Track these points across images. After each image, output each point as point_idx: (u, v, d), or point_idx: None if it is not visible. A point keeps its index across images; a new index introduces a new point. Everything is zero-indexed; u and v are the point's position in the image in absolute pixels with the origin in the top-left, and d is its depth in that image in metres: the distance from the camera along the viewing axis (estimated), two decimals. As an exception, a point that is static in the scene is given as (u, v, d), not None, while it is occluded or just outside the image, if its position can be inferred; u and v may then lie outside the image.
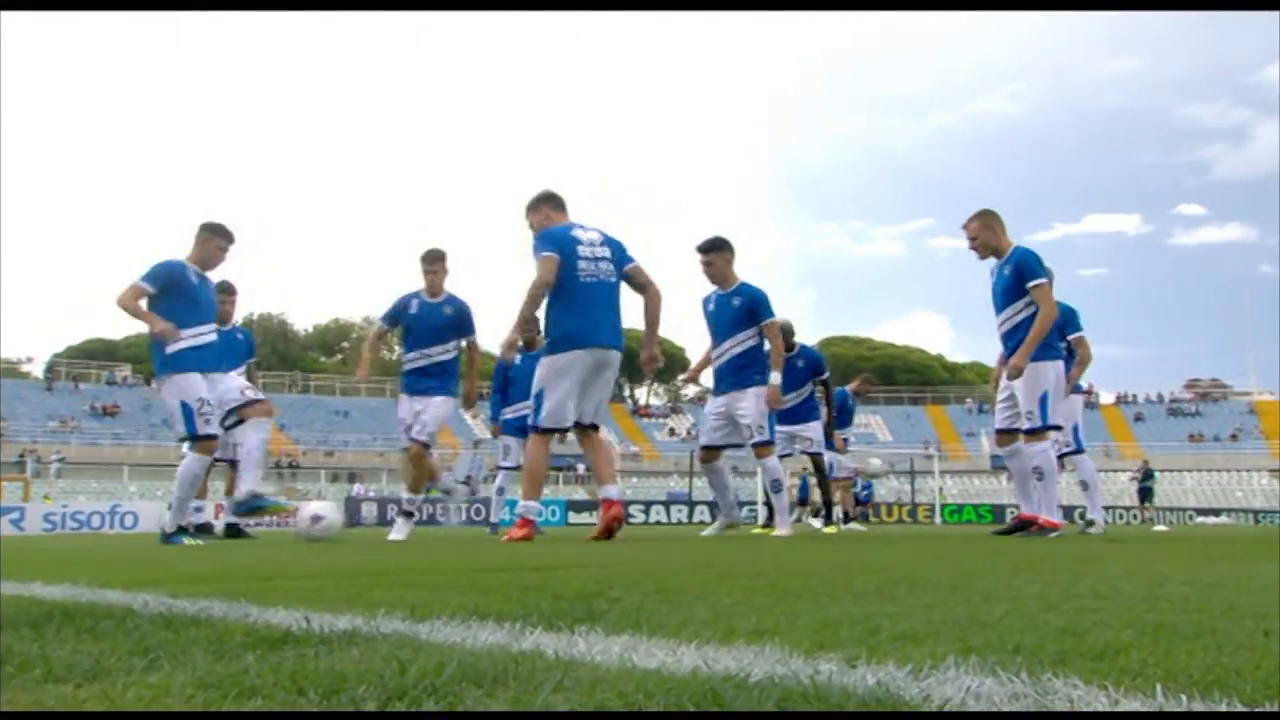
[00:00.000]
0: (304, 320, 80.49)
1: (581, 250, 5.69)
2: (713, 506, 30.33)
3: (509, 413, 9.44)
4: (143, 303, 6.17)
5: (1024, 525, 6.15)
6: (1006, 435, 6.20)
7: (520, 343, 6.26)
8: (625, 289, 5.87)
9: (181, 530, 6.49)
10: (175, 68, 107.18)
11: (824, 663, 1.12)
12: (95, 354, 55.19)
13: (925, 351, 75.50)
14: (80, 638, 1.41)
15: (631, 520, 28.29)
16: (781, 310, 6.84)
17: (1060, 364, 6.22)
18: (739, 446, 7.13)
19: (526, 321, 5.95)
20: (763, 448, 6.93)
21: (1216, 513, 34.49)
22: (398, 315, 7.21)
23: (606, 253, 5.75)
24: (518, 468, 9.19)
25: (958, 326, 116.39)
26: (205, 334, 6.40)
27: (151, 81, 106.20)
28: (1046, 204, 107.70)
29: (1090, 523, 7.37)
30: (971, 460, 47.65)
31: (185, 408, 6.26)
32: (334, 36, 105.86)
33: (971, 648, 1.22)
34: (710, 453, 7.08)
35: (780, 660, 1.14)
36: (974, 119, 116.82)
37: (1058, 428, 6.27)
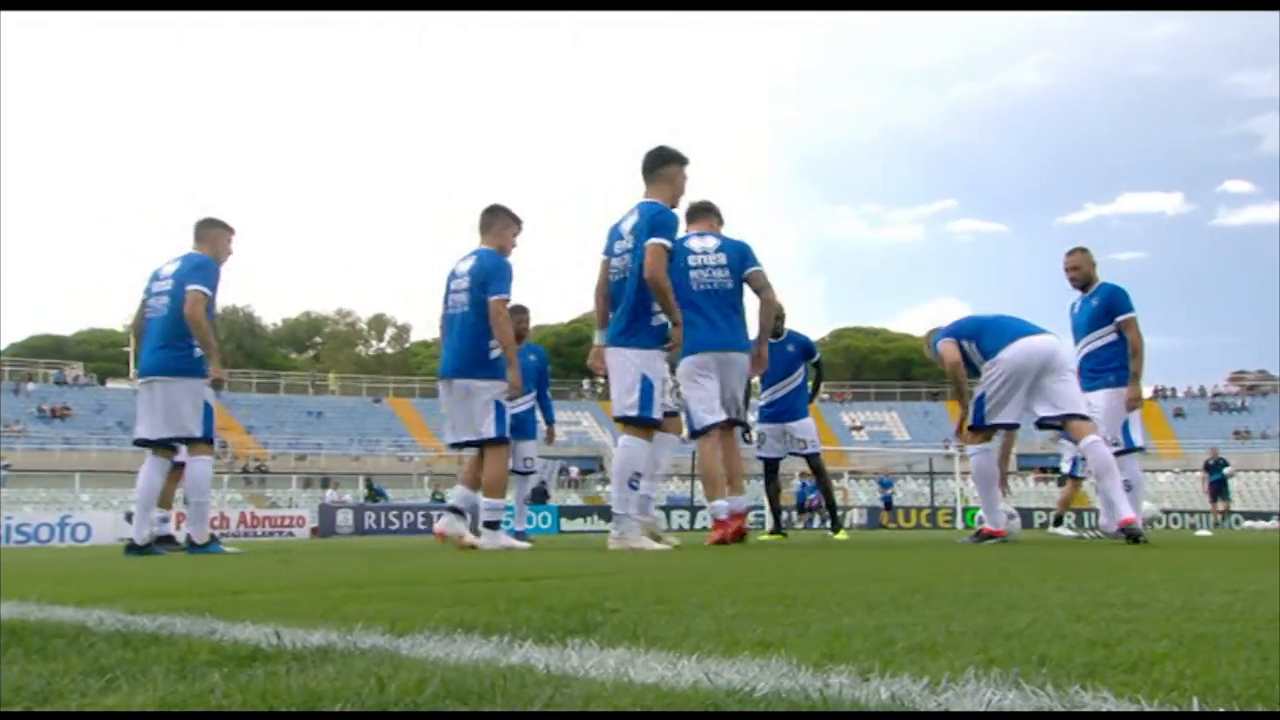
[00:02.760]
0: (272, 314, 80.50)
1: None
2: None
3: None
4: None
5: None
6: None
7: None
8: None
9: (214, 539, 6.74)
10: (131, 53, 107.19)
11: (834, 676, 1.13)
12: (42, 351, 55.09)
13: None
14: (29, 658, 1.42)
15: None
16: (789, 301, 7.00)
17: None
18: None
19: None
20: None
21: (1265, 516, 34.47)
22: None
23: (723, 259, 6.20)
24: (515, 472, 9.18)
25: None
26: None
27: (104, 66, 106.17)
28: (1077, 183, 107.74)
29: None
30: (996, 461, 47.68)
31: (208, 409, 6.58)
32: (304, 26, 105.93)
33: (993, 659, 1.23)
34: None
35: (787, 673, 1.15)
36: (999, 91, 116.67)
37: (1141, 449, 7.37)
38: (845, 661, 1.23)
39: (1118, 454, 7.33)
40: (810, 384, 9.43)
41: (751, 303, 6.31)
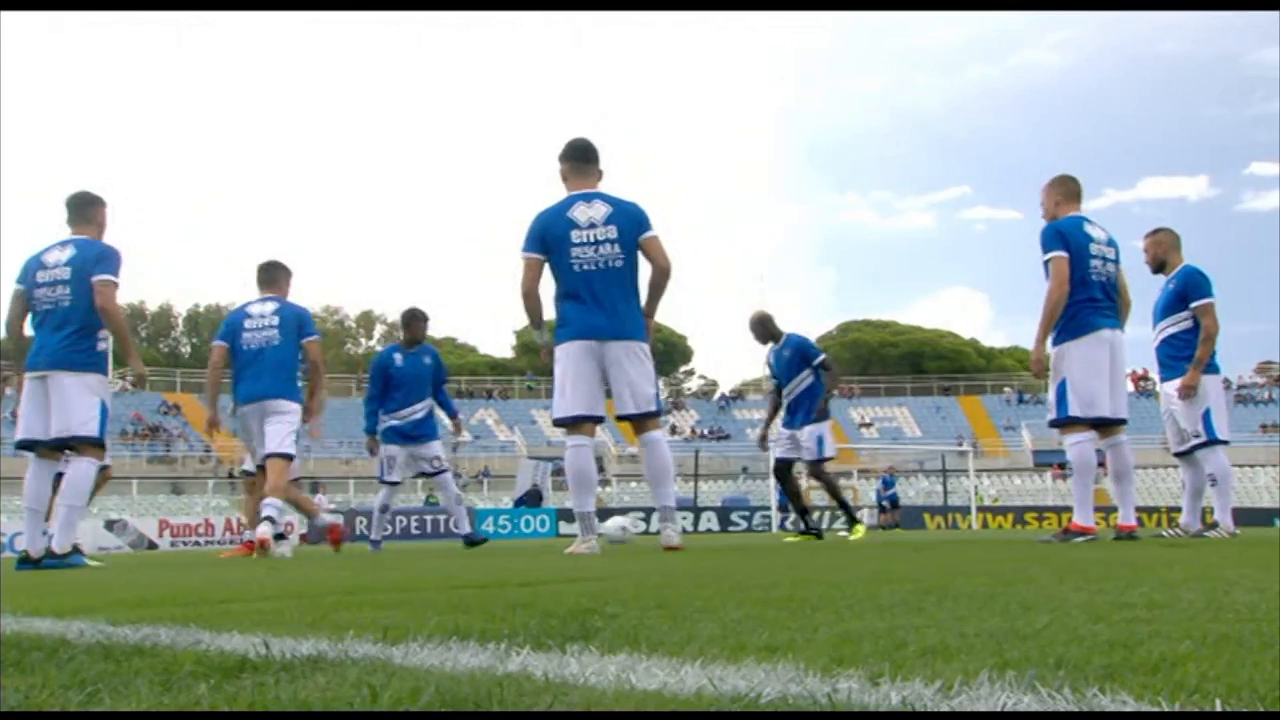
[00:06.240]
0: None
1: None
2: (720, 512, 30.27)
3: (392, 419, 9.37)
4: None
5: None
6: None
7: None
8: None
9: (76, 550, 6.46)
10: (115, 47, 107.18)
11: (843, 680, 1.14)
12: (13, 354, 54.98)
13: (958, 335, 75.52)
14: (5, 672, 1.42)
15: (630, 531, 28.27)
16: (798, 292, 6.98)
17: (1218, 377, 7.24)
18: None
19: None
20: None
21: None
22: None
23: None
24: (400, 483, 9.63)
25: (997, 306, 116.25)
26: None
27: (97, 58, 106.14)
28: (1097, 167, 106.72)
29: (1214, 525, 7.25)
30: (1012, 457, 47.74)
31: (104, 409, 6.32)
32: (290, 22, 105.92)
33: (1008, 662, 1.24)
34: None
35: (794, 678, 1.16)
36: (1014, 73, 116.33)
37: (1225, 441, 7.13)
38: (855, 665, 1.24)
39: (1199, 446, 7.23)
40: (826, 384, 9.38)
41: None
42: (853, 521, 9.76)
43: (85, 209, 6.47)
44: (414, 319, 9.62)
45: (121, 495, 32.75)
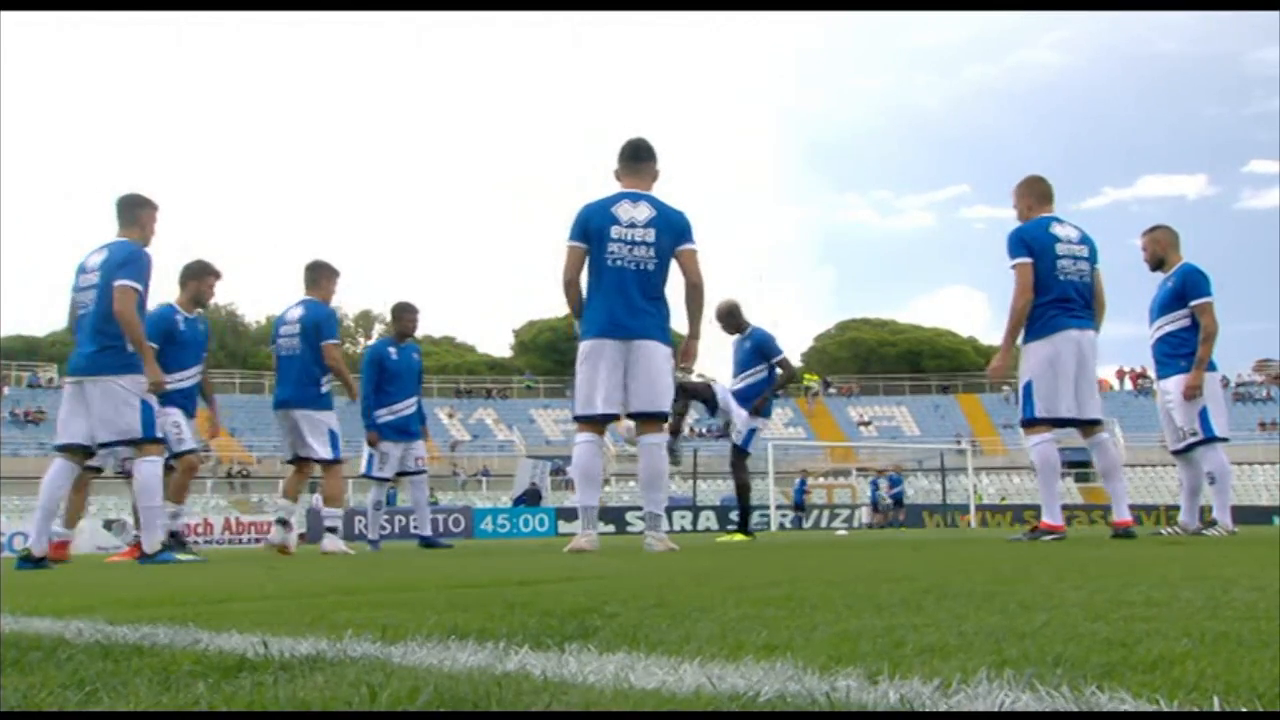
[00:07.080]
0: (255, 311, 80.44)
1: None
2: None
3: (385, 414, 9.38)
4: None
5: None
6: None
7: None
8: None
9: (166, 547, 6.58)
10: (110, 48, 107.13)
11: (842, 679, 1.14)
12: (15, 353, 55.00)
13: (956, 334, 75.50)
14: (4, 672, 1.42)
15: (629, 529, 28.33)
16: (797, 291, 6.95)
17: (1216, 375, 7.25)
18: None
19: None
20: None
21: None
22: None
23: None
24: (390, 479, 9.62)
25: (996, 305, 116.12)
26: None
27: (84, 61, 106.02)
28: (1096, 166, 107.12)
29: (1212, 523, 7.23)
30: (1010, 455, 47.74)
31: (148, 406, 6.24)
32: (289, 24, 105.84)
33: (1006, 660, 1.24)
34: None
35: (793, 677, 1.16)
36: (1014, 72, 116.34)
37: (1224, 439, 7.15)
38: (853, 664, 1.24)
39: (1196, 444, 7.21)
40: (781, 380, 9.33)
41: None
42: (742, 526, 9.72)
43: (130, 210, 6.43)
44: (405, 312, 9.67)
45: (120, 495, 32.62)
